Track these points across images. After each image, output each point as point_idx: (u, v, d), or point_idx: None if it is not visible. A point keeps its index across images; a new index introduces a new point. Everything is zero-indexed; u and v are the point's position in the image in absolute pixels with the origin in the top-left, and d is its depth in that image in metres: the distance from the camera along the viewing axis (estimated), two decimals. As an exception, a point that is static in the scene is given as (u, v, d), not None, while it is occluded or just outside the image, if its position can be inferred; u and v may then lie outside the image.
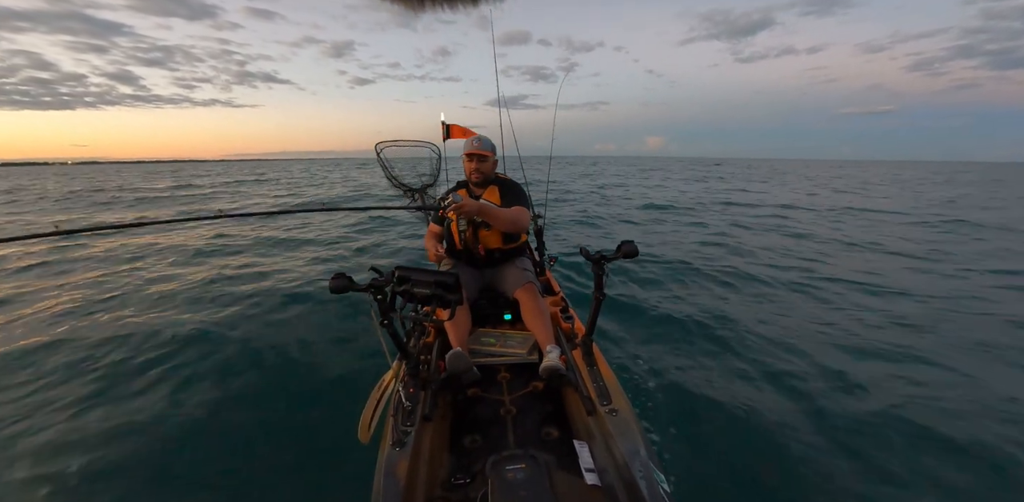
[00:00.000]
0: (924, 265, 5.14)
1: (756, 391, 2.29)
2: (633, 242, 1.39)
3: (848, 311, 3.54)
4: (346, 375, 2.60)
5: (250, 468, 1.88)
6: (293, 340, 3.16)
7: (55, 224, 1.34)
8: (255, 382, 2.59)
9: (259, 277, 4.78)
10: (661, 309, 3.48)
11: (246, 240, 7.04)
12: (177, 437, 2.11)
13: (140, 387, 2.57)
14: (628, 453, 1.15)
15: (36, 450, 2.01)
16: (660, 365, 2.54)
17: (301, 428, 2.11)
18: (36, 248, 6.25)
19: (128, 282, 4.69)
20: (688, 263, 5.02)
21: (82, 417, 2.28)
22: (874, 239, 6.72)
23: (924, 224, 8.36)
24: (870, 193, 15.78)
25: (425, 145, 3.23)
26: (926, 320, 3.28)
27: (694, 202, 11.90)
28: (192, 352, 3.09)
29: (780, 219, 8.96)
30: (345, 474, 1.79)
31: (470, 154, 1.99)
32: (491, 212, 1.80)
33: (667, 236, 7.05)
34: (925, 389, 2.31)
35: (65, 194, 17.41)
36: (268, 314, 3.66)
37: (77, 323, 3.54)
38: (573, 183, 19.30)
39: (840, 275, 4.56)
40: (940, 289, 4.11)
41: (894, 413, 2.07)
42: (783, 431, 1.97)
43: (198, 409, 2.34)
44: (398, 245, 6.56)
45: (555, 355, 1.58)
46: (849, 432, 1.96)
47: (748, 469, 1.76)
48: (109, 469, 1.91)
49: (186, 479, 1.85)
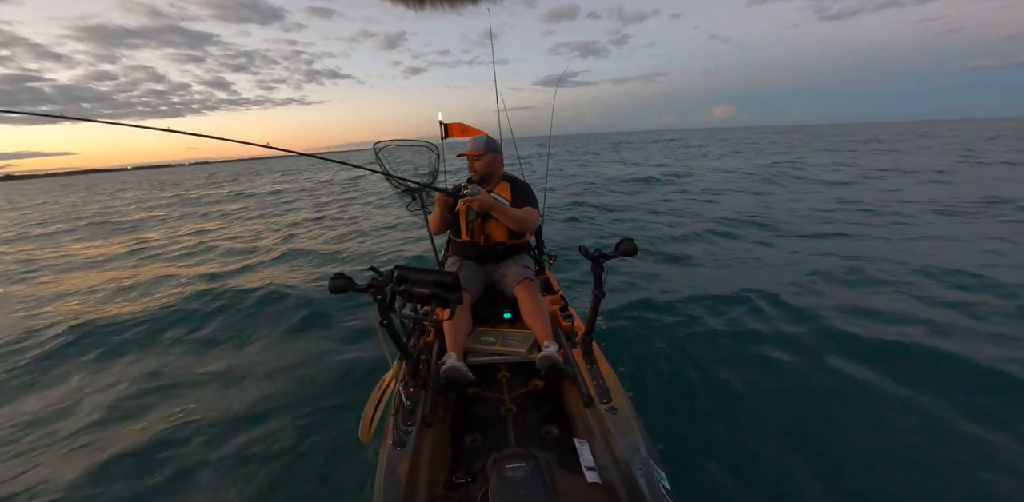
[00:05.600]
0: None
1: (762, 392, 2.28)
2: (632, 240, 1.38)
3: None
4: (346, 375, 2.60)
5: (250, 469, 1.88)
6: (292, 341, 3.16)
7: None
8: (255, 383, 2.59)
9: (258, 277, 4.78)
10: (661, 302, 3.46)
11: (247, 238, 7.05)
12: (176, 437, 2.12)
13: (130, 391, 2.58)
14: (628, 451, 1.15)
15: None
16: (660, 364, 2.54)
17: (302, 429, 2.11)
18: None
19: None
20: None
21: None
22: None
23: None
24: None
25: (424, 144, 3.23)
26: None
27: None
28: (193, 351, 3.10)
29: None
30: (346, 474, 1.79)
31: (463, 155, 2.14)
32: (503, 209, 1.94)
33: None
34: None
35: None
36: (267, 314, 3.67)
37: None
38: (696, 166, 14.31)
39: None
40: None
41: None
42: (786, 431, 1.97)
43: (197, 409, 2.35)
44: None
45: (553, 349, 1.58)
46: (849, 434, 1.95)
47: (748, 469, 1.77)
48: (108, 467, 1.92)
49: (185, 479, 1.86)
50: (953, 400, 2.07)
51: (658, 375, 2.39)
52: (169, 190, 23.77)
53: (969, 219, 5.69)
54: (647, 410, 2.05)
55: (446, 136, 3.14)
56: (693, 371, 2.41)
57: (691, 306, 3.26)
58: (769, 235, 5.39)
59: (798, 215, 6.46)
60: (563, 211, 7.67)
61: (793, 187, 9.47)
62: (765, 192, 8.90)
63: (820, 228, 5.56)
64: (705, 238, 5.44)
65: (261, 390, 2.50)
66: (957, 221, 5.64)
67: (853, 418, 2.02)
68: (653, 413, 2.05)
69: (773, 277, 3.82)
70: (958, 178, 9.43)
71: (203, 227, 9.21)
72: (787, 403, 2.14)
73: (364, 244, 6.43)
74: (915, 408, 2.04)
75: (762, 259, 4.45)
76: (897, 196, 7.56)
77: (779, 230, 5.59)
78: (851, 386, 2.25)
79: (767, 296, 3.34)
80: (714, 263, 4.44)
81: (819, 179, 10.46)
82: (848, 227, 5.55)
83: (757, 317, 3.05)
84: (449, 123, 3.13)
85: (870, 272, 3.78)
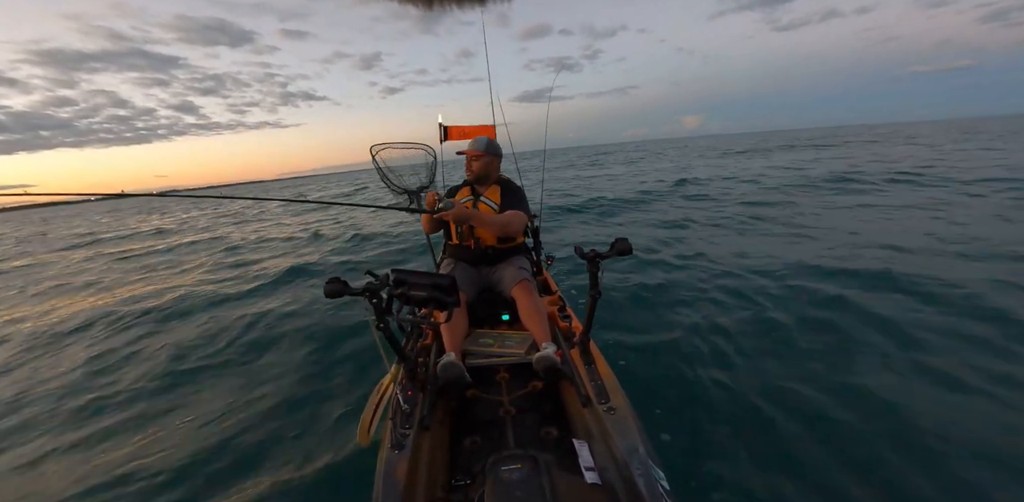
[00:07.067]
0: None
1: (763, 392, 2.28)
2: (627, 239, 1.39)
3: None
4: (345, 378, 2.60)
5: (250, 472, 1.89)
6: (290, 344, 3.17)
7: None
8: (254, 385, 2.60)
9: (256, 278, 4.79)
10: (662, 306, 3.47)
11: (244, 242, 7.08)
12: (175, 438, 2.13)
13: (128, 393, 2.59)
14: (627, 451, 1.15)
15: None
16: (660, 363, 2.54)
17: (301, 431, 2.11)
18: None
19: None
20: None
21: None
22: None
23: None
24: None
25: (422, 147, 3.23)
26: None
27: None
28: (191, 352, 3.11)
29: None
30: (345, 477, 1.79)
31: (463, 153, 2.16)
32: (480, 219, 1.94)
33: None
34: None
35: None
36: (264, 318, 3.68)
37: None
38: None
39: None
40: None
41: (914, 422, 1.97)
42: (788, 431, 1.96)
43: (196, 409, 2.36)
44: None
45: (551, 350, 1.58)
46: (853, 434, 1.94)
47: (749, 468, 1.76)
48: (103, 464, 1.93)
49: (185, 480, 1.87)
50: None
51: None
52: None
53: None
54: (645, 410, 2.05)
55: (445, 139, 3.15)
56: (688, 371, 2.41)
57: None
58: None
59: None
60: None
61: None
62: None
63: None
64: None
65: (259, 394, 2.51)
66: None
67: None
68: (652, 412, 2.04)
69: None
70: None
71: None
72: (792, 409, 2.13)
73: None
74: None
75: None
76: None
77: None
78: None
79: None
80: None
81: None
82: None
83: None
84: (449, 126, 3.14)
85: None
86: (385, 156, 2.76)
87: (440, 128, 3.12)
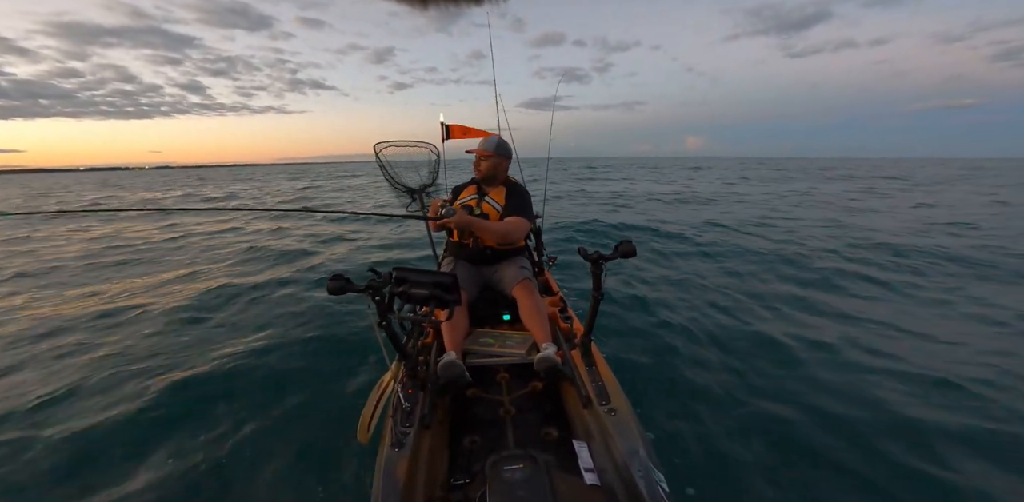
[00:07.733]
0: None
1: (765, 396, 2.28)
2: (631, 241, 1.39)
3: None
4: (346, 376, 2.60)
5: (249, 469, 1.88)
6: (291, 341, 3.16)
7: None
8: (254, 384, 2.59)
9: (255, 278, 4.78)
10: (660, 307, 3.47)
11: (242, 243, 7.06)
12: (174, 438, 2.12)
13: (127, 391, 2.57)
14: (627, 453, 1.15)
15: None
16: (661, 364, 2.54)
17: (300, 429, 2.11)
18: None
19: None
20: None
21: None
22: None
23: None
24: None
25: (425, 146, 3.23)
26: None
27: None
28: (192, 352, 3.09)
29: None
30: (345, 475, 1.78)
31: (472, 152, 2.16)
32: (480, 226, 1.93)
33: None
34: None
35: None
36: (265, 316, 3.67)
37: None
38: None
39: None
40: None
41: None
42: (789, 431, 1.97)
43: (195, 408, 2.35)
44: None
45: (551, 351, 1.58)
46: (852, 435, 1.95)
47: (749, 468, 1.76)
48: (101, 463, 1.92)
49: (185, 480, 1.86)
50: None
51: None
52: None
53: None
54: (645, 412, 2.05)
55: (447, 137, 3.14)
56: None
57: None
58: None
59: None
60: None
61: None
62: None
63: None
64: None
65: (259, 392, 2.50)
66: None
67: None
68: (652, 414, 2.04)
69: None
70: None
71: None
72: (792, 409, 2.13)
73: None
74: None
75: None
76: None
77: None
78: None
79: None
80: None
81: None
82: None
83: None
84: (451, 125, 3.14)
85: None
86: (388, 153, 2.76)
87: (442, 126, 3.11)
